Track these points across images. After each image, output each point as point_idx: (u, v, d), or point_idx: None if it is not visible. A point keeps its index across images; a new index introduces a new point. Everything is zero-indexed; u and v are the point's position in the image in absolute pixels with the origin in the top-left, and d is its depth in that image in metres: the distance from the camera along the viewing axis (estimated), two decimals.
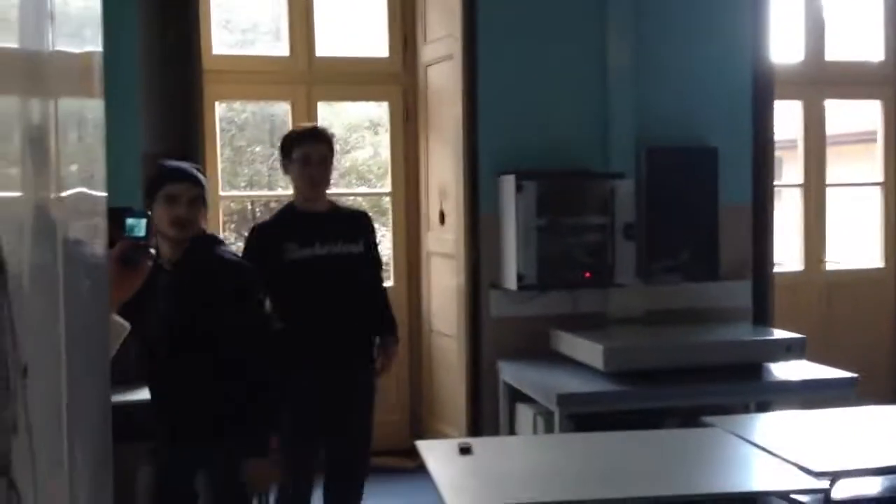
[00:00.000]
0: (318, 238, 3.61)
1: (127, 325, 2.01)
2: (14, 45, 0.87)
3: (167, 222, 2.78)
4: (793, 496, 3.07)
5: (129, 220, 2.11)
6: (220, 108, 5.98)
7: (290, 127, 5.61)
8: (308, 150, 3.64)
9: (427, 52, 5.47)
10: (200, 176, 2.98)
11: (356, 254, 3.69)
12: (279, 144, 3.81)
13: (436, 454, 2.97)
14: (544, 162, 5.00)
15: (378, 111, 6.29)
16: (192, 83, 4.63)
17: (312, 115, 5.57)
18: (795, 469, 2.83)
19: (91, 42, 1.24)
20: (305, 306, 3.58)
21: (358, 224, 3.79)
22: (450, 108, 5.15)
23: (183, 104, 4.67)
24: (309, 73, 5.54)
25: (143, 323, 2.28)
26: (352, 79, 5.66)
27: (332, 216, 3.73)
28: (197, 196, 2.88)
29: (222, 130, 6.39)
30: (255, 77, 5.50)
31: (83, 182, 1.18)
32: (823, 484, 2.80)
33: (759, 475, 2.86)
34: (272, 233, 3.66)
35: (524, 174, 4.82)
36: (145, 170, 4.52)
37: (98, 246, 1.30)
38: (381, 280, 3.99)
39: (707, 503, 2.89)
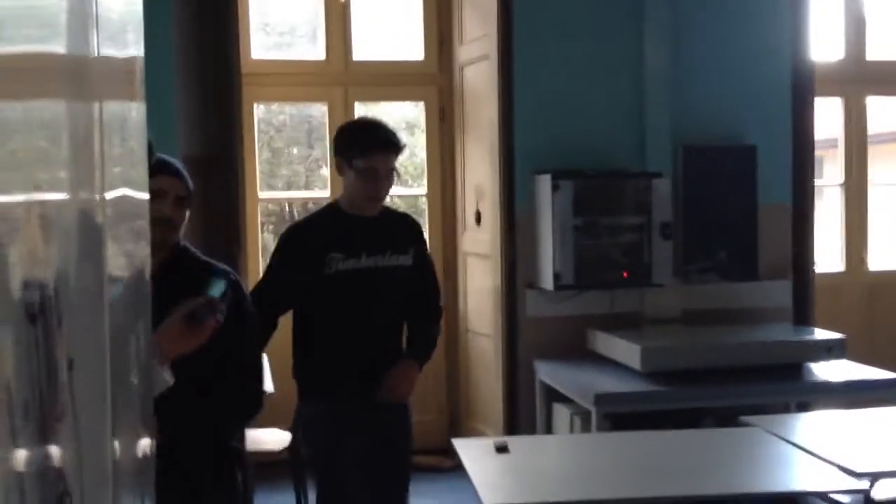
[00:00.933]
0: (364, 248, 3.17)
1: (170, 380, 1.97)
2: (62, 49, 0.90)
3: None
4: (832, 496, 3.06)
5: (212, 279, 2.13)
6: (257, 111, 6.05)
7: (327, 129, 5.66)
8: (376, 164, 3.10)
9: (463, 53, 5.49)
10: (188, 177, 2.55)
11: (405, 266, 3.25)
12: (337, 139, 3.29)
13: (472, 453, 2.98)
14: (580, 161, 4.99)
15: (414, 112, 6.31)
16: (230, 86, 4.67)
17: (350, 116, 5.60)
18: (835, 469, 2.81)
19: (133, 45, 1.26)
20: (345, 324, 3.16)
21: (408, 232, 3.33)
22: (485, 107, 5.16)
23: (221, 106, 4.72)
24: (346, 75, 5.59)
25: None
26: (388, 80, 5.70)
27: (381, 221, 3.24)
28: (185, 196, 2.46)
29: (260, 132, 6.47)
30: (293, 79, 5.56)
31: (126, 184, 1.21)
32: (863, 484, 2.77)
33: (799, 475, 2.84)
34: (314, 238, 3.21)
35: (560, 173, 4.82)
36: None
37: (142, 248, 1.32)
38: (433, 291, 3.43)
39: (745, 503, 2.87)
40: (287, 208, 6.87)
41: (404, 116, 6.85)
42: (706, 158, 5.14)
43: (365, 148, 3.11)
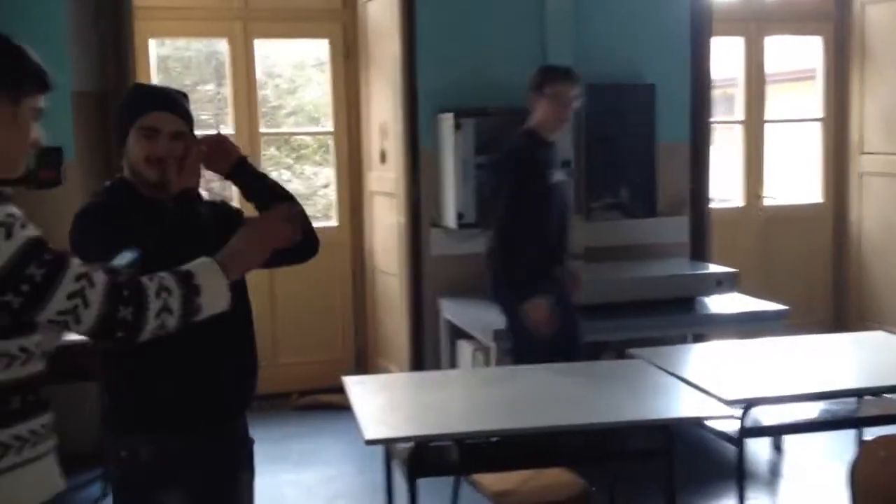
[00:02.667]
0: None
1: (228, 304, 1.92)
2: None
3: (143, 161, 2.16)
4: (710, 423, 3.19)
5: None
6: (162, 47, 5.90)
7: (227, 67, 5.56)
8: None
9: None
10: (188, 106, 2.30)
11: None
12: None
13: (361, 388, 3.03)
14: (484, 100, 4.99)
15: (318, 49, 6.22)
16: (121, 20, 4.56)
17: (250, 53, 5.51)
18: (711, 398, 2.93)
19: None
20: None
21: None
22: (388, 45, 5.12)
23: (114, 41, 4.60)
24: (245, 10, 5.47)
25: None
26: (289, 15, 5.59)
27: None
28: (183, 130, 2.23)
29: (167, 69, 6.30)
30: (190, 13, 5.42)
31: None
32: (736, 411, 2.90)
33: (676, 404, 2.95)
34: None
35: (463, 112, 4.83)
36: (76, 108, 4.47)
37: None
38: None
39: (626, 431, 2.98)
40: None
41: (316, 54, 6.75)
42: (607, 97, 5.19)
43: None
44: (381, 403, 2.92)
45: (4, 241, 1.61)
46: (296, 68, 7.03)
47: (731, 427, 3.15)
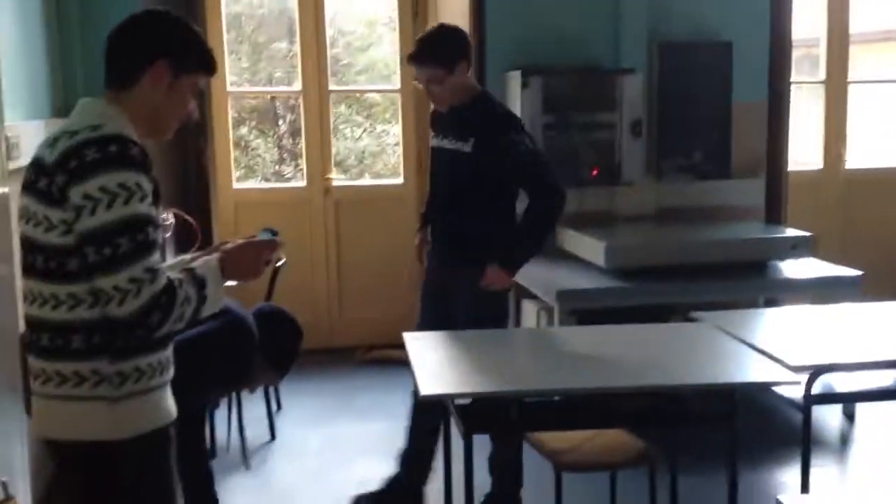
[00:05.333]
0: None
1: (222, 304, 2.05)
2: None
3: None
4: (777, 390, 3.11)
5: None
6: (235, 4, 5.94)
7: (297, 24, 5.57)
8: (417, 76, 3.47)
9: None
10: None
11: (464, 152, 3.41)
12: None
13: (421, 344, 3.03)
14: (553, 58, 4.92)
15: (386, 7, 6.18)
16: None
17: (320, 9, 5.51)
18: (776, 363, 2.85)
19: None
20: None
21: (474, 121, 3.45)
22: (457, 2, 5.06)
23: None
24: None
25: None
26: None
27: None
28: None
29: (240, 26, 6.35)
30: None
31: None
32: (801, 378, 2.82)
33: (739, 368, 2.88)
34: None
35: (530, 70, 4.76)
36: None
37: None
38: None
39: (688, 395, 2.93)
40: (274, 105, 6.79)
41: (388, 12, 6.72)
42: (681, 55, 5.07)
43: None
44: (439, 359, 2.92)
45: (116, 207, 1.77)
46: (367, 26, 7.01)
47: (799, 394, 3.08)
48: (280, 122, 6.95)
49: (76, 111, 1.96)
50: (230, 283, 2.04)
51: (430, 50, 3.41)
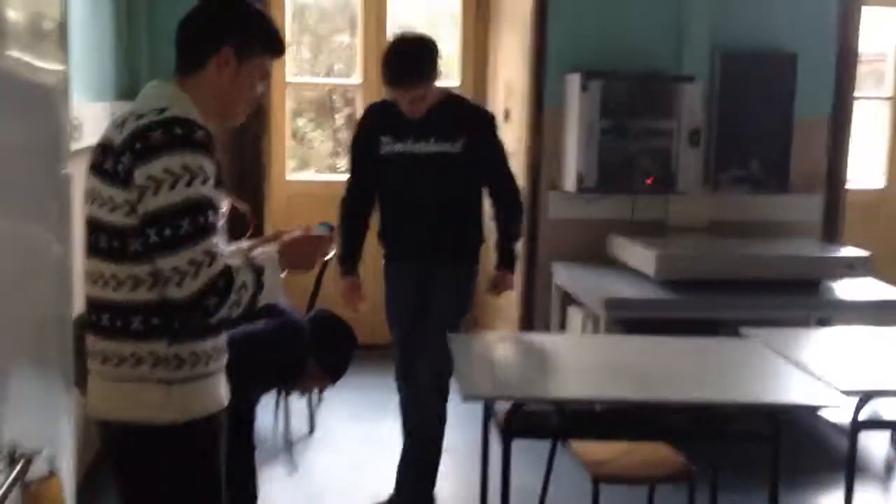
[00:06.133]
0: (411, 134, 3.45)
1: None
2: None
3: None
4: (824, 413, 3.06)
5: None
6: None
7: (359, 18, 5.60)
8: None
9: None
10: None
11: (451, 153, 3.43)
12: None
13: (466, 346, 3.03)
14: (614, 63, 4.87)
15: (449, 2, 6.17)
16: None
17: (382, 3, 5.53)
18: (823, 385, 2.80)
19: None
20: (395, 203, 3.62)
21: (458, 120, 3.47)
22: (520, 2, 5.04)
23: None
24: None
25: None
26: None
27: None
28: None
29: (303, 17, 6.39)
30: None
31: None
32: (850, 402, 2.77)
33: (786, 388, 2.83)
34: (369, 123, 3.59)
35: (590, 73, 4.72)
36: None
37: None
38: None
39: (732, 412, 2.89)
40: (330, 97, 6.82)
41: (450, 10, 6.73)
42: (744, 65, 4.99)
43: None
44: (483, 362, 2.91)
45: (179, 188, 1.79)
46: (429, 22, 7.02)
47: (847, 418, 3.02)
48: (336, 114, 6.99)
49: (143, 94, 1.98)
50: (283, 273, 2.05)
51: (416, 71, 3.31)
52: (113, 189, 1.84)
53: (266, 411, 4.36)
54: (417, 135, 3.43)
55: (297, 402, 4.48)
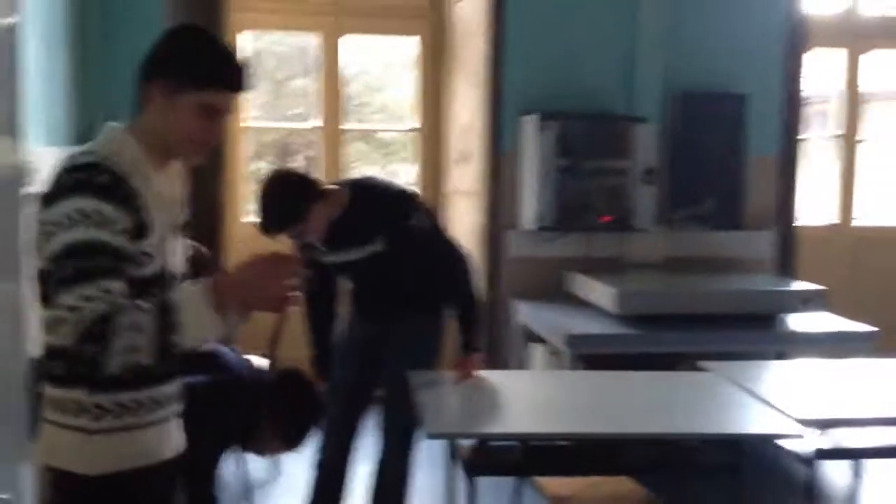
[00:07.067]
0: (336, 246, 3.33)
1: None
2: None
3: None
4: (784, 444, 3.09)
5: None
6: (257, 41, 6.01)
7: (320, 61, 5.64)
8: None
9: None
10: None
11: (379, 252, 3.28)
12: None
13: (426, 381, 3.03)
14: (570, 104, 4.96)
15: (404, 47, 6.26)
16: (215, 12, 4.66)
17: (337, 48, 5.59)
18: (783, 416, 2.83)
19: None
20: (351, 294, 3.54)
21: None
22: (476, 44, 5.12)
23: None
24: (337, 5, 5.55)
25: None
26: (380, 12, 5.65)
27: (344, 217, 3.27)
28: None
29: (260, 62, 6.42)
30: (283, 7, 5.51)
31: None
32: (808, 432, 2.80)
33: (745, 419, 2.86)
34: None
35: (547, 115, 4.80)
36: None
37: None
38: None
39: (694, 444, 2.91)
40: (288, 141, 6.85)
41: (408, 54, 6.81)
42: (696, 105, 5.11)
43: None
44: (446, 399, 2.91)
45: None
46: (384, 66, 7.10)
47: (807, 448, 3.05)
48: (295, 157, 7.00)
49: (98, 136, 1.93)
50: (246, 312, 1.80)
51: (281, 219, 3.15)
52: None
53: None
54: (337, 247, 3.31)
55: None
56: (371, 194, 3.32)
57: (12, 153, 2.14)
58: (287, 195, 3.15)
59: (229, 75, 1.86)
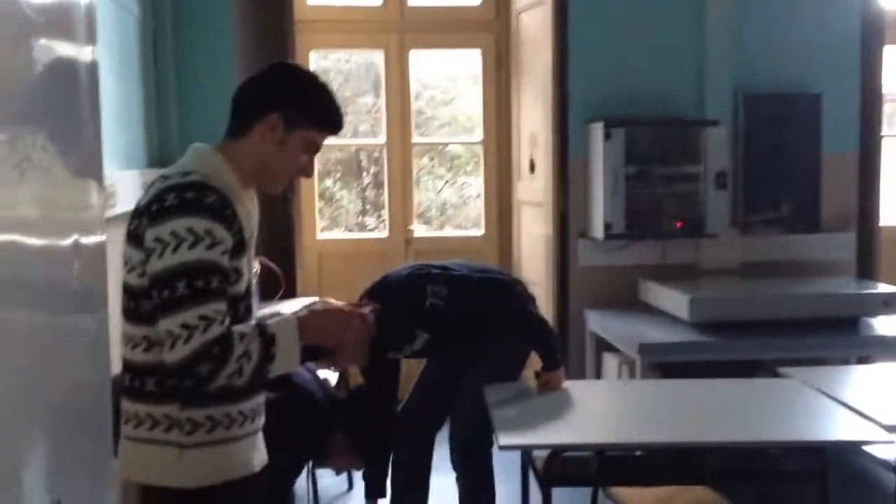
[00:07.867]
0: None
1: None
2: None
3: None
4: (870, 450, 3.00)
5: None
6: (324, 59, 6.10)
7: (383, 78, 5.70)
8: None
9: None
10: None
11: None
12: None
13: (501, 394, 3.02)
14: (637, 110, 4.90)
15: (469, 59, 6.28)
16: (283, 32, 4.74)
17: (405, 64, 5.63)
18: (867, 422, 2.75)
19: None
20: None
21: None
22: (540, 54, 5.11)
23: (277, 54, 4.78)
24: (401, 22, 5.60)
25: None
26: (444, 27, 5.68)
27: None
28: None
29: (328, 80, 6.51)
30: (348, 26, 5.59)
31: None
32: (893, 437, 2.71)
33: (830, 426, 2.79)
34: None
35: (613, 121, 4.75)
36: None
37: None
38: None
39: (776, 452, 2.84)
40: (357, 157, 6.91)
41: (471, 68, 6.84)
42: (768, 106, 5.00)
43: None
44: (519, 410, 2.90)
45: (181, 251, 1.78)
46: (450, 80, 7.13)
47: (893, 454, 2.96)
48: (364, 174, 7.07)
49: (185, 156, 1.99)
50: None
51: None
52: (131, 249, 1.87)
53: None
54: (384, 350, 3.24)
55: None
56: (385, 297, 3.14)
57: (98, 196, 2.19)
58: None
59: (337, 119, 2.05)
